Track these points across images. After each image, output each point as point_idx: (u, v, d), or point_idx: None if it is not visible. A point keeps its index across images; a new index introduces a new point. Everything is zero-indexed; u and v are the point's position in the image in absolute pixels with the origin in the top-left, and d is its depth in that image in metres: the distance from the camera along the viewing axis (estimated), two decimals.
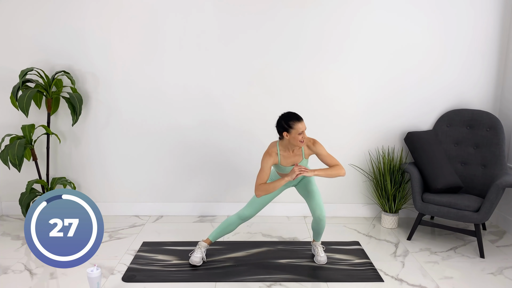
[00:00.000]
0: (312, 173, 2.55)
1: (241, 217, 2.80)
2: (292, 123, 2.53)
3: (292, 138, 2.55)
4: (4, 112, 3.56)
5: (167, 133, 3.62)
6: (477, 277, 2.74)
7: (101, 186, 3.72)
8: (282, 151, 2.66)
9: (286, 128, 2.55)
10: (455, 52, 3.53)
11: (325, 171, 2.60)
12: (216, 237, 2.86)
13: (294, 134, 2.54)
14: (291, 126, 2.53)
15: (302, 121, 2.55)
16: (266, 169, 2.61)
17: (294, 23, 3.46)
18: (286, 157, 2.67)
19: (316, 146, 2.68)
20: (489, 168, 3.30)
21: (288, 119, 2.55)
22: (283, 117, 2.59)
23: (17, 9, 3.41)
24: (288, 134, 2.55)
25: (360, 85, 3.58)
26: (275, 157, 2.64)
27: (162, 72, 3.52)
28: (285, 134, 2.56)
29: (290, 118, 2.55)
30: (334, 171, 2.61)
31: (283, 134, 2.58)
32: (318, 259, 2.87)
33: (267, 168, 2.61)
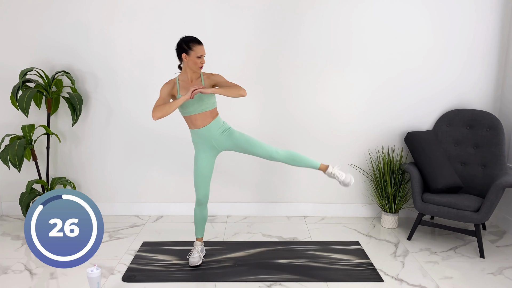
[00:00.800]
0: (209, 90, 2.47)
1: (198, 203, 2.77)
2: (192, 44, 2.52)
3: (191, 61, 2.53)
4: (4, 112, 3.56)
5: (167, 133, 3.62)
6: (477, 277, 2.74)
7: (101, 186, 3.72)
8: (181, 80, 2.61)
9: (185, 49, 2.52)
10: (455, 52, 3.53)
11: (223, 89, 2.52)
12: (200, 232, 2.85)
13: (193, 56, 2.52)
14: (190, 47, 2.52)
15: (202, 45, 2.54)
16: (163, 95, 2.56)
17: (292, 23, 3.46)
18: (185, 87, 2.59)
19: (215, 75, 2.65)
20: (489, 168, 3.30)
21: (189, 40, 2.53)
22: (183, 39, 2.56)
23: (17, 9, 3.41)
24: (187, 56, 2.53)
25: (360, 85, 3.58)
26: (173, 85, 2.60)
27: (163, 71, 3.52)
28: (184, 56, 2.53)
29: (190, 40, 2.53)
30: (234, 90, 2.52)
31: (182, 56, 2.54)
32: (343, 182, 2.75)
33: (164, 94, 2.56)
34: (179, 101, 2.47)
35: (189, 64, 2.55)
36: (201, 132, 2.66)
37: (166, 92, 2.58)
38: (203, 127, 2.64)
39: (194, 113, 2.61)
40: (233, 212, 3.79)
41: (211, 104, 2.63)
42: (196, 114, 2.61)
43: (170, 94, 2.60)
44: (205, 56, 2.62)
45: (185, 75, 2.62)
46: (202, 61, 2.55)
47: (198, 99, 2.58)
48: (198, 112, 2.61)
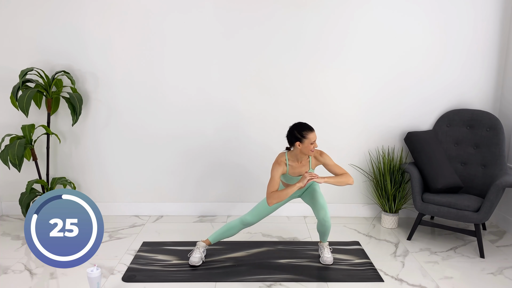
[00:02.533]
0: (322, 179, 2.59)
1: (244, 223, 2.81)
2: (305, 133, 2.59)
3: (305, 147, 2.60)
4: (4, 112, 3.56)
5: (167, 132, 3.62)
6: (477, 277, 2.74)
7: (101, 186, 3.72)
8: (290, 161, 2.71)
9: (299, 138, 2.60)
10: (455, 52, 3.53)
11: (335, 178, 2.65)
12: (216, 239, 2.86)
13: (307, 143, 2.59)
14: (304, 136, 2.59)
15: (314, 131, 2.62)
16: (276, 178, 2.65)
17: (293, 24, 3.46)
18: (294, 167, 2.72)
19: (323, 156, 2.74)
20: (489, 168, 3.30)
21: (301, 129, 2.61)
22: (296, 127, 2.64)
23: (17, 9, 3.41)
24: (300, 144, 2.60)
25: (360, 85, 3.58)
26: (284, 166, 2.69)
27: (162, 71, 3.52)
28: (298, 144, 2.61)
29: (303, 128, 2.61)
30: (343, 179, 2.66)
31: (295, 144, 2.62)
32: (324, 259, 2.87)
33: (277, 177, 2.65)
34: (294, 188, 2.59)
35: (303, 150, 2.63)
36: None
37: (279, 174, 2.67)
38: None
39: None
40: (233, 212, 3.79)
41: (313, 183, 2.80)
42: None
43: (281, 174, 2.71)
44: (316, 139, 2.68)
45: (294, 155, 2.70)
46: (315, 145, 2.63)
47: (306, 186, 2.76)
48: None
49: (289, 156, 2.71)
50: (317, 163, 2.76)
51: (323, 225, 2.78)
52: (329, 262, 2.87)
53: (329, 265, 2.86)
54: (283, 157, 2.71)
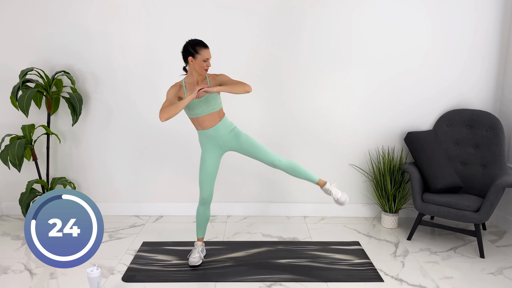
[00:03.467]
0: (214, 88, 2.48)
1: (202, 202, 2.79)
2: (198, 48, 2.55)
3: (197, 64, 2.55)
4: (4, 112, 3.56)
5: (167, 132, 3.62)
6: (477, 277, 2.74)
7: (101, 186, 3.72)
8: (187, 83, 2.65)
9: (192, 53, 2.55)
10: (455, 52, 3.53)
11: (229, 86, 2.53)
12: (201, 233, 2.87)
13: (199, 60, 2.54)
14: (197, 51, 2.54)
15: (208, 48, 2.57)
16: (169, 97, 2.58)
17: (293, 23, 3.46)
18: (192, 89, 2.61)
19: (220, 75, 2.69)
20: (489, 168, 3.30)
21: (195, 44, 2.56)
22: (190, 42, 2.58)
23: (18, 9, 3.41)
24: (193, 59, 2.55)
25: (360, 85, 3.58)
26: (180, 88, 2.63)
27: (163, 72, 3.52)
28: (190, 59, 2.56)
29: (197, 44, 2.56)
30: (239, 86, 2.54)
31: (188, 59, 2.57)
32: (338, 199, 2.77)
33: (171, 96, 2.58)
34: (185, 100, 2.48)
35: (195, 67, 2.58)
36: (208, 132, 2.69)
37: (173, 94, 2.60)
38: (210, 128, 2.68)
39: (202, 115, 2.64)
40: (233, 212, 3.79)
41: (218, 105, 2.67)
42: (204, 115, 2.64)
43: (177, 96, 2.63)
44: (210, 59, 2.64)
45: (191, 77, 2.65)
46: (208, 64, 2.59)
47: (204, 100, 2.61)
48: (205, 113, 2.64)
49: (186, 79, 2.66)
50: (216, 83, 2.66)
51: (288, 166, 2.72)
52: (344, 200, 2.75)
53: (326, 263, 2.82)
54: (180, 81, 2.67)
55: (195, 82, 2.65)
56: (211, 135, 2.70)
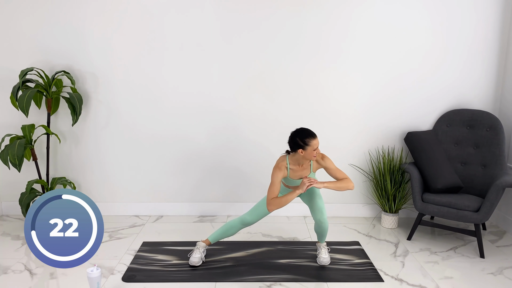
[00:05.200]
0: (322, 185, 2.58)
1: (243, 222, 2.81)
2: (308, 140, 2.56)
3: (307, 154, 2.59)
4: (4, 112, 3.56)
5: (167, 132, 3.62)
6: (477, 277, 2.74)
7: (101, 186, 3.72)
8: (291, 165, 2.70)
9: (301, 145, 2.57)
10: (455, 52, 3.53)
11: (335, 183, 2.64)
12: (216, 239, 2.86)
13: (309, 150, 2.58)
14: (307, 143, 2.56)
15: (316, 138, 2.60)
16: (276, 183, 2.64)
17: (293, 24, 3.46)
18: (295, 171, 2.71)
19: (325, 160, 2.72)
20: (489, 168, 3.30)
21: (304, 136, 2.58)
22: (298, 134, 2.60)
23: (17, 9, 3.41)
24: (303, 151, 2.58)
25: (360, 85, 3.58)
26: (284, 171, 2.68)
27: (162, 71, 3.52)
28: (300, 151, 2.59)
29: (306, 136, 2.58)
30: (343, 184, 2.64)
31: (298, 151, 2.60)
32: (320, 260, 2.87)
33: (278, 182, 2.64)
34: (294, 195, 2.60)
35: (305, 156, 2.61)
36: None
37: (279, 179, 2.66)
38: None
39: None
40: (233, 212, 3.79)
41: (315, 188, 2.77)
42: None
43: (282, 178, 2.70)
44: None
45: (296, 159, 2.68)
46: (318, 151, 2.62)
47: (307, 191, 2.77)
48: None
49: (290, 160, 2.69)
50: (319, 166, 2.74)
51: (320, 226, 2.78)
52: (326, 263, 2.86)
53: (326, 265, 2.85)
54: (284, 161, 2.69)
55: (299, 164, 2.70)
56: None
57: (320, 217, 2.73)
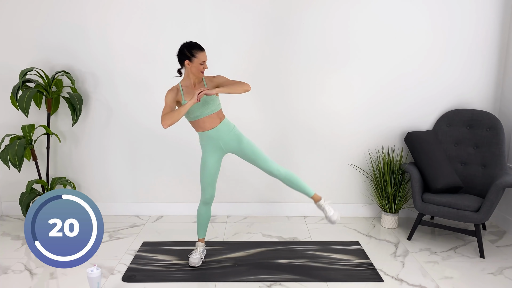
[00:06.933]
0: (214, 90, 2.46)
1: (205, 202, 2.80)
2: (194, 51, 2.54)
3: (194, 67, 2.55)
4: (4, 112, 3.56)
5: (167, 133, 3.62)
6: (477, 277, 2.74)
7: (101, 186, 3.72)
8: (184, 86, 2.64)
9: (188, 56, 2.54)
10: (455, 52, 3.53)
11: (228, 87, 2.52)
12: (203, 233, 2.87)
13: (196, 63, 2.54)
14: (193, 54, 2.54)
15: (204, 51, 2.56)
16: (169, 102, 2.57)
17: (292, 23, 3.46)
18: (189, 92, 2.62)
19: (217, 77, 2.68)
20: (489, 168, 3.30)
21: (191, 47, 2.55)
22: (186, 45, 2.57)
23: (17, 9, 3.41)
24: (190, 63, 2.55)
25: (360, 85, 3.58)
26: (177, 92, 2.62)
27: (162, 71, 3.52)
28: (187, 62, 2.55)
29: (193, 47, 2.55)
30: (238, 86, 2.53)
31: (184, 62, 2.57)
32: (329, 218, 2.76)
33: (170, 101, 2.58)
34: (186, 106, 2.48)
35: (192, 70, 2.58)
36: (209, 134, 2.68)
37: (171, 99, 2.59)
38: (211, 129, 2.67)
39: (201, 117, 2.64)
40: (233, 212, 3.79)
41: (217, 106, 2.66)
42: (204, 117, 2.64)
43: (175, 100, 2.62)
44: (207, 61, 2.63)
45: (188, 80, 2.64)
46: (205, 66, 2.58)
47: (203, 102, 2.60)
48: (205, 115, 2.63)
49: (183, 82, 2.64)
50: (213, 84, 2.66)
51: (283, 180, 2.71)
52: (336, 219, 2.74)
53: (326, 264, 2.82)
54: (177, 85, 2.65)
55: (192, 85, 2.64)
56: (212, 136, 2.69)
57: (269, 168, 2.68)
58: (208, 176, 2.74)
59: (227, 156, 3.65)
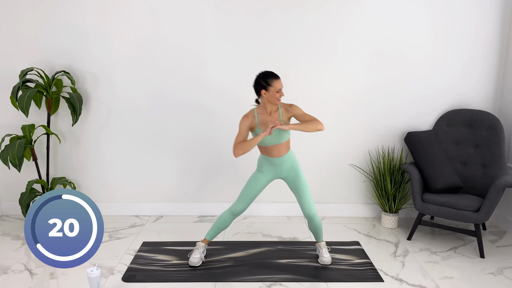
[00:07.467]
0: (287, 126, 2.49)
1: (233, 212, 2.80)
2: (270, 80, 2.56)
3: (270, 96, 2.57)
4: (4, 112, 3.56)
5: (167, 132, 3.62)
6: (477, 277, 2.74)
7: (101, 186, 3.72)
8: (259, 113, 2.66)
9: (264, 85, 2.56)
10: (455, 52, 3.53)
11: (301, 124, 2.53)
12: (212, 236, 2.86)
13: (272, 91, 2.55)
14: (269, 83, 2.55)
15: (279, 79, 2.58)
16: (242, 130, 2.61)
17: (292, 22, 3.46)
18: (264, 120, 2.65)
19: (293, 107, 2.69)
20: (489, 168, 3.30)
21: (266, 76, 2.57)
22: (261, 75, 2.60)
23: (17, 9, 3.41)
24: (266, 92, 2.56)
25: (360, 85, 3.58)
26: (252, 119, 2.64)
27: (162, 71, 3.52)
28: (263, 92, 2.57)
29: (268, 76, 2.57)
30: (311, 125, 2.52)
31: (261, 92, 2.58)
32: (322, 260, 2.86)
33: (244, 129, 2.61)
34: (258, 138, 2.52)
35: (269, 98, 2.60)
36: (273, 160, 2.74)
37: (246, 126, 2.62)
38: (277, 157, 2.72)
39: (270, 145, 2.68)
40: None
41: (286, 136, 2.70)
42: (272, 145, 2.68)
43: (250, 127, 2.66)
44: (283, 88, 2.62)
45: (263, 108, 2.67)
46: (281, 94, 2.60)
47: (275, 132, 2.64)
48: (274, 143, 2.67)
49: (258, 110, 2.67)
50: (288, 115, 2.68)
51: (310, 223, 2.77)
52: (327, 262, 2.86)
53: (328, 265, 2.85)
54: (252, 111, 2.67)
55: (268, 113, 2.66)
56: (274, 163, 2.75)
57: (308, 211, 2.72)
58: (252, 192, 2.78)
59: (227, 156, 3.66)
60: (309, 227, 2.84)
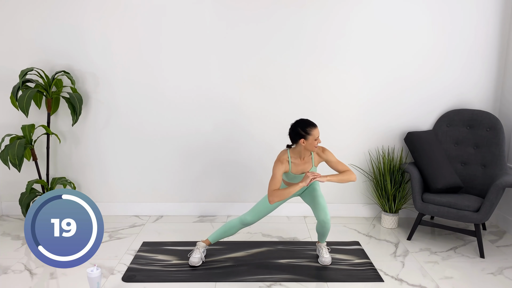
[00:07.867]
0: (325, 178, 2.59)
1: (243, 222, 2.81)
2: (309, 129, 2.59)
3: (309, 144, 2.60)
4: (4, 112, 3.56)
5: (167, 132, 3.62)
6: (477, 277, 2.74)
7: (101, 186, 3.72)
8: (293, 158, 2.70)
9: (303, 135, 2.59)
10: (455, 52, 3.53)
11: (337, 176, 2.65)
12: (215, 239, 2.86)
13: (311, 140, 2.59)
14: (308, 132, 2.58)
15: (317, 127, 2.62)
16: (278, 176, 2.63)
17: (292, 23, 3.46)
18: (297, 165, 2.71)
19: (325, 153, 2.74)
20: (489, 168, 3.30)
21: (305, 125, 2.60)
22: (299, 124, 2.62)
23: (17, 9, 3.41)
24: (305, 141, 2.60)
25: (360, 84, 3.58)
26: (286, 164, 2.68)
27: (162, 71, 3.52)
28: (302, 141, 2.60)
29: (306, 125, 2.60)
30: (346, 176, 2.65)
31: (299, 141, 2.61)
32: (322, 260, 2.87)
33: (279, 175, 2.64)
34: (296, 188, 2.58)
35: (307, 147, 2.62)
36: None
37: (281, 172, 2.65)
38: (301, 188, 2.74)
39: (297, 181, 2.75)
40: (233, 212, 3.79)
41: None
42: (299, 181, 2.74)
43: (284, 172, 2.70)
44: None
45: (297, 153, 2.69)
46: (319, 141, 2.63)
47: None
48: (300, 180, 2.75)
49: (292, 154, 2.70)
50: (320, 160, 2.75)
51: (323, 226, 2.78)
52: (328, 262, 2.86)
53: (328, 265, 2.85)
54: (285, 155, 2.69)
55: (301, 158, 2.70)
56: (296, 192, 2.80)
57: (324, 217, 2.73)
58: (266, 208, 2.79)
59: (228, 156, 3.66)
60: (317, 229, 2.85)
